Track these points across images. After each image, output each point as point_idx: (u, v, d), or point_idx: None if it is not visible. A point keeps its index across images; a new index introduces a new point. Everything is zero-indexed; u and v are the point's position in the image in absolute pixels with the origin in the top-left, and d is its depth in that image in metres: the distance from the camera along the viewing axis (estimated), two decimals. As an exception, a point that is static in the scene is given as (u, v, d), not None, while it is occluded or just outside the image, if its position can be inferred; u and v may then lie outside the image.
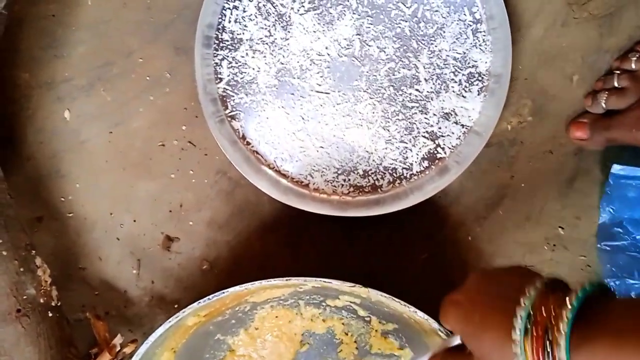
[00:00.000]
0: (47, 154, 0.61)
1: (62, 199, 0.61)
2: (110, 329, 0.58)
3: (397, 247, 0.60)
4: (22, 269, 0.53)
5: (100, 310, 0.61)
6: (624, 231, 0.56)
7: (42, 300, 0.53)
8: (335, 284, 0.48)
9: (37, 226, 0.61)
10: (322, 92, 0.55)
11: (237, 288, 0.48)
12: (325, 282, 0.48)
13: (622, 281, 0.56)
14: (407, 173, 0.56)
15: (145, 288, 0.61)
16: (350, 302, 0.56)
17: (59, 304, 0.55)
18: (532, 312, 0.31)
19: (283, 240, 0.60)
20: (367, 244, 0.60)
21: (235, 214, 0.60)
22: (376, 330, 0.58)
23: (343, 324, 0.59)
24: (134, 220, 0.61)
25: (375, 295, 0.48)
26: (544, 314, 0.30)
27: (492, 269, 0.43)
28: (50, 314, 0.54)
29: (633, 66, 0.54)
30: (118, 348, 0.56)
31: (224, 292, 0.48)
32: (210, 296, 0.48)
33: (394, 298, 0.47)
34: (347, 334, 0.59)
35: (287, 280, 0.48)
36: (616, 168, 0.55)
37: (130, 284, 0.61)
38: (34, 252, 0.55)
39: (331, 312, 0.58)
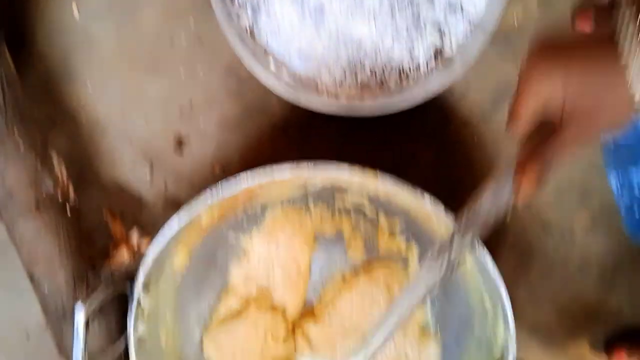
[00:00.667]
0: (58, 55, 0.61)
1: (74, 101, 0.62)
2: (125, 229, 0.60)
3: (403, 147, 0.61)
4: (40, 165, 0.54)
5: (117, 211, 0.62)
6: None
7: (60, 197, 0.55)
8: (345, 168, 0.49)
9: (51, 131, 0.62)
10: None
11: (248, 181, 0.49)
12: (335, 167, 0.49)
13: (624, 174, 0.57)
14: (413, 70, 0.56)
15: (159, 192, 0.63)
16: (359, 201, 0.58)
17: (76, 203, 0.57)
18: None
19: (292, 141, 0.61)
20: (374, 144, 0.61)
21: (244, 114, 0.61)
22: (384, 230, 0.60)
23: (352, 224, 0.60)
24: (146, 122, 0.62)
25: (384, 182, 0.49)
26: None
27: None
28: (68, 210, 0.55)
29: None
30: (135, 244, 0.58)
31: (236, 185, 0.49)
32: (221, 190, 0.49)
33: (402, 183, 0.48)
34: (355, 236, 0.61)
35: (296, 165, 0.49)
36: None
37: (144, 188, 0.63)
38: (50, 149, 0.56)
39: (340, 213, 0.60)
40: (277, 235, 0.61)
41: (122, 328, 0.53)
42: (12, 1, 0.60)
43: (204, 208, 0.51)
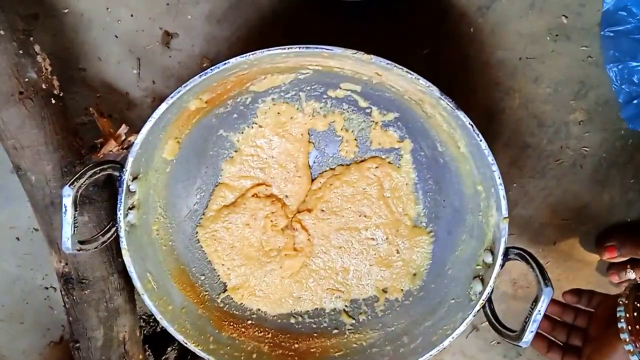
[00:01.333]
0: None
1: (57, -5, 0.59)
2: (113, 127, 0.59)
3: (399, 42, 0.60)
4: (21, 51, 0.53)
5: (104, 110, 0.61)
6: (628, 14, 0.55)
7: (44, 86, 0.54)
8: (338, 51, 0.47)
9: (34, 24, 0.60)
10: None
11: (238, 58, 0.47)
12: (327, 49, 0.47)
13: (624, 64, 0.56)
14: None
15: (147, 89, 0.61)
16: (351, 90, 0.56)
17: (61, 94, 0.55)
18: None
19: (282, 33, 0.59)
20: (369, 38, 0.59)
21: (233, 8, 0.59)
22: (376, 123, 0.59)
23: (344, 118, 0.59)
24: (132, 15, 0.60)
25: (378, 62, 0.47)
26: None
27: None
28: (53, 101, 0.54)
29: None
30: (123, 137, 0.57)
31: (225, 63, 0.48)
32: (212, 68, 0.48)
33: (396, 65, 0.47)
34: (347, 130, 0.60)
35: (288, 49, 0.47)
36: None
37: (131, 85, 0.61)
38: (32, 38, 0.54)
39: (332, 106, 0.59)
40: (269, 133, 0.60)
41: (113, 218, 0.52)
42: None
43: (192, 91, 0.49)
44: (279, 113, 0.59)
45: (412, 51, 0.60)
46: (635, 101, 0.56)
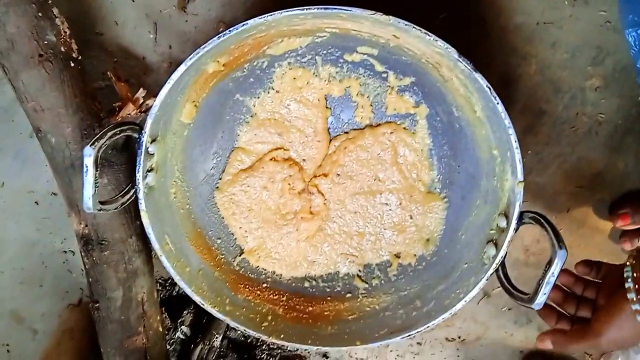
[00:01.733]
0: None
1: (74, -43, 0.59)
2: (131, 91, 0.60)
3: (416, 6, 0.59)
4: (40, 14, 0.53)
5: (122, 74, 0.61)
6: None
7: (62, 49, 0.54)
8: (356, 12, 0.47)
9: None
10: None
11: (257, 19, 0.47)
12: (345, 10, 0.47)
13: None
14: None
15: (163, 54, 0.62)
16: (368, 54, 0.56)
17: (79, 58, 0.56)
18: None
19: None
20: (385, 3, 0.59)
21: (249, -29, 0.59)
22: (392, 88, 0.59)
23: (360, 83, 0.59)
24: (148, -21, 0.60)
25: (396, 23, 0.47)
26: None
27: None
28: (72, 64, 0.55)
29: None
30: (141, 100, 0.58)
31: (244, 25, 0.48)
32: (230, 29, 0.48)
33: (414, 26, 0.47)
34: (363, 95, 0.60)
35: (307, 9, 0.47)
36: None
37: (148, 49, 0.62)
38: (50, 1, 0.55)
39: (348, 70, 0.59)
40: (286, 98, 0.60)
41: (132, 180, 0.53)
42: None
43: (210, 53, 0.49)
44: (295, 78, 0.59)
45: (429, 15, 0.59)
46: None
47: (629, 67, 0.60)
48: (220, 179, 0.62)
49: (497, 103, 0.46)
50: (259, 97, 0.60)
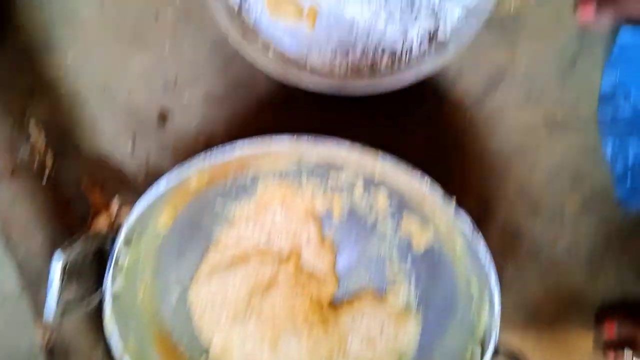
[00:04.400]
0: (38, 24, 0.59)
1: (54, 72, 0.60)
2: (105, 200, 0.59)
3: (394, 128, 0.60)
4: (16, 131, 0.53)
5: (97, 182, 0.61)
6: (625, 98, 0.56)
7: (36, 164, 0.54)
8: (345, 145, 0.47)
9: (29, 100, 0.60)
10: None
11: (246, 147, 0.48)
12: (329, 141, 0.47)
13: (621, 151, 0.57)
14: (406, 53, 0.55)
15: (141, 164, 0.61)
16: (353, 181, 0.57)
17: (54, 172, 0.56)
18: None
19: (279, 117, 0.60)
20: (364, 123, 0.60)
21: (230, 90, 0.60)
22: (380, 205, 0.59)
23: (341, 204, 0.59)
24: (128, 94, 0.60)
25: (384, 162, 0.47)
26: None
27: None
28: (46, 175, 0.55)
29: None
30: (116, 211, 0.57)
31: (230, 151, 0.48)
32: (215, 153, 0.48)
33: (402, 164, 0.47)
34: (342, 216, 0.60)
35: (296, 138, 0.48)
36: (626, 31, 0.54)
37: (125, 159, 0.61)
38: (28, 117, 0.55)
39: (333, 189, 0.59)
40: (268, 206, 0.60)
41: (100, 285, 0.52)
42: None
43: (195, 171, 0.49)
44: (279, 192, 0.59)
45: (408, 138, 0.60)
46: (630, 184, 0.57)
47: (607, 188, 0.60)
48: (193, 277, 0.61)
49: (479, 243, 0.47)
50: (240, 205, 0.60)
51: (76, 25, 0.59)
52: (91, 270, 0.54)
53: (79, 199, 0.60)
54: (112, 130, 0.61)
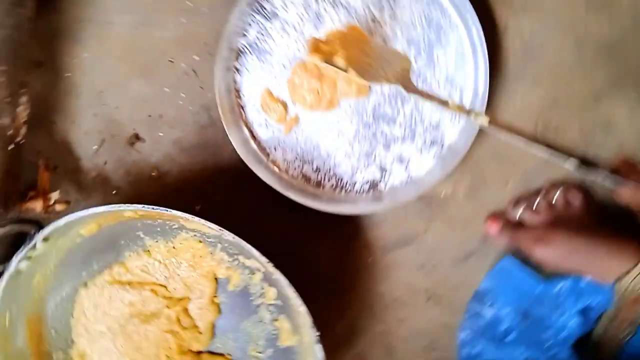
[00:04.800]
0: (73, 16, 0.67)
1: (67, 59, 0.67)
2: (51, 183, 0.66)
3: (309, 238, 0.70)
4: (8, 99, 0.59)
5: (52, 163, 0.67)
6: (492, 304, 0.67)
7: (9, 132, 0.60)
8: (247, 247, 0.56)
9: (34, 70, 0.66)
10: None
11: (169, 210, 0.56)
12: (235, 239, 0.56)
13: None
14: (348, 186, 0.65)
15: (97, 165, 0.68)
16: (258, 268, 0.65)
17: (22, 142, 0.61)
18: None
19: (224, 187, 0.68)
20: (300, 223, 0.69)
21: (199, 146, 0.68)
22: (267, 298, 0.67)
23: (239, 279, 0.67)
24: (116, 107, 0.68)
25: (279, 281, 0.57)
26: None
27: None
28: (11, 147, 0.60)
29: (554, 201, 0.65)
30: (52, 202, 0.63)
31: (154, 208, 0.56)
32: (140, 205, 0.56)
33: (289, 284, 0.57)
34: (236, 288, 0.68)
35: (204, 222, 0.56)
36: (508, 258, 0.66)
37: (86, 155, 0.68)
38: (23, 90, 0.61)
39: (237, 266, 0.67)
40: (180, 254, 0.68)
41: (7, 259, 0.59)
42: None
43: (129, 209, 0.58)
44: (194, 248, 0.67)
45: (319, 254, 0.70)
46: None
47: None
48: (89, 281, 0.67)
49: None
50: (157, 242, 0.67)
51: (104, 34, 0.68)
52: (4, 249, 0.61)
53: (29, 172, 0.66)
54: (87, 128, 0.68)
